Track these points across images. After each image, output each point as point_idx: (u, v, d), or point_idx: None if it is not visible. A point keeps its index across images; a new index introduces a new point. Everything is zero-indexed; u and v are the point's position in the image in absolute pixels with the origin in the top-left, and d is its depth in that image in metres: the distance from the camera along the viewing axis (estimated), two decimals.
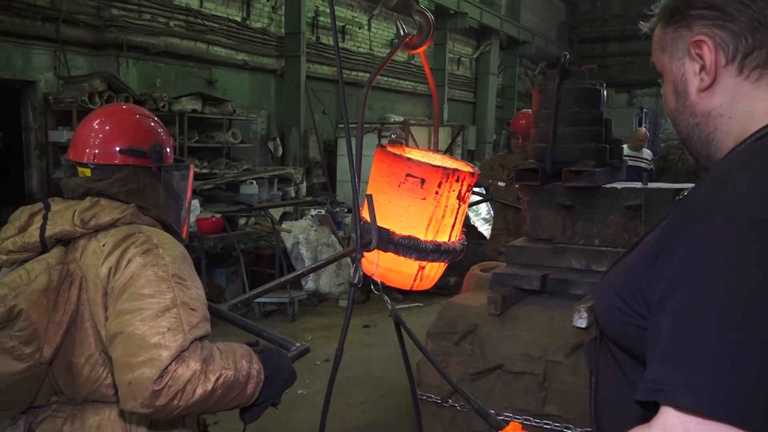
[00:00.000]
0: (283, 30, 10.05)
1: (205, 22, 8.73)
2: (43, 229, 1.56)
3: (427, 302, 6.69)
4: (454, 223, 2.43)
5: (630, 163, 7.40)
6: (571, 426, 2.43)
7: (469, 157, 11.40)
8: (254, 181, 7.03)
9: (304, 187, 8.33)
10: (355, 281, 1.84)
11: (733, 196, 0.85)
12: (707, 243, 0.84)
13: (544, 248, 2.74)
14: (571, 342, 2.47)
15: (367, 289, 7.01)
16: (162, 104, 7.36)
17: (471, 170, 2.29)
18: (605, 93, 2.72)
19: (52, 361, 1.54)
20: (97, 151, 1.65)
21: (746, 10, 0.94)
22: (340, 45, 11.59)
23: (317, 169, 10.27)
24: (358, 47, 11.86)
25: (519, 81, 17.10)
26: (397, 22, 2.52)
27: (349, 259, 7.13)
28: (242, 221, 6.68)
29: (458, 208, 2.46)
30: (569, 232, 2.71)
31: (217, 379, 1.42)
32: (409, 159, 2.21)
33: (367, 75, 12.14)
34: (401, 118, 11.15)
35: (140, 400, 1.37)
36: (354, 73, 11.75)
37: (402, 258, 2.35)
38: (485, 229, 7.86)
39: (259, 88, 9.90)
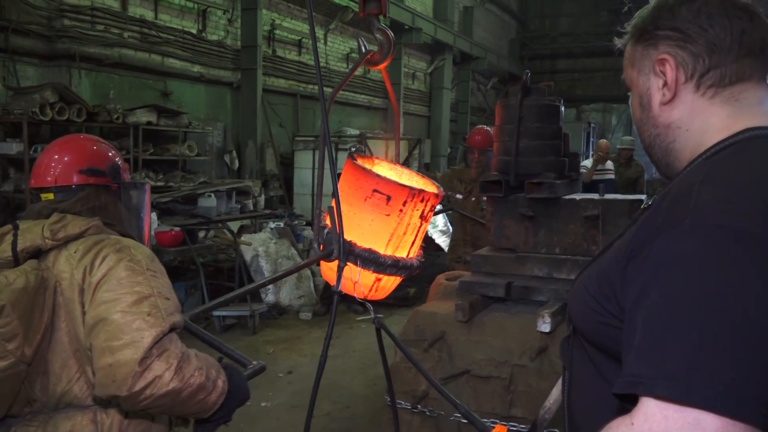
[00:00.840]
0: (239, 43, 10.04)
1: (160, 34, 8.66)
2: (14, 244, 1.63)
3: (388, 313, 6.76)
4: (415, 240, 2.53)
5: (595, 177, 7.49)
6: None
7: (424, 170, 11.58)
8: (212, 194, 6.99)
9: (262, 200, 8.32)
10: (338, 288, 1.93)
11: (698, 206, 0.94)
12: (677, 248, 0.92)
13: (508, 257, 2.86)
14: (535, 346, 2.58)
15: (327, 301, 7.05)
16: (116, 116, 7.24)
17: (436, 191, 2.41)
18: (563, 109, 2.87)
19: (32, 362, 1.59)
20: (58, 174, 1.75)
21: (705, 34, 1.05)
22: (297, 59, 11.63)
23: (274, 182, 10.26)
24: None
25: (472, 95, 17.47)
26: (359, 39, 2.62)
27: (309, 271, 7.16)
28: (201, 234, 6.63)
29: (420, 227, 2.57)
30: (531, 241, 2.84)
31: (190, 377, 1.50)
32: (377, 175, 2.29)
33: (324, 88, 12.20)
34: (357, 131, 11.25)
35: (119, 382, 1.43)
36: (311, 86, 11.81)
37: (360, 269, 2.43)
38: (442, 241, 8.01)
39: (215, 100, 9.85)
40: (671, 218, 0.96)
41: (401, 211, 2.26)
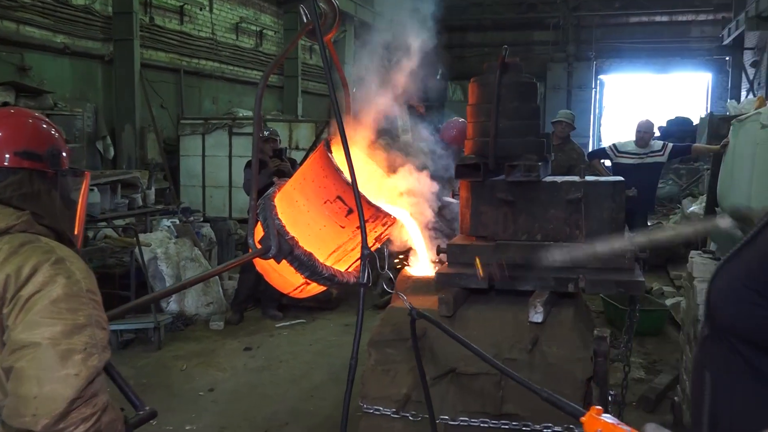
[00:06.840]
0: (110, 9, 9.62)
1: None
2: None
3: (310, 318, 6.80)
4: (359, 257, 2.63)
5: (631, 161, 7.14)
6: (529, 423, 2.73)
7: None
8: (95, 188, 6.68)
9: (152, 193, 8.05)
10: (365, 280, 2.01)
11: None
12: None
13: (487, 246, 3.02)
14: (525, 338, 2.77)
15: (239, 309, 7.02)
16: None
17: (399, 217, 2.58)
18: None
19: None
20: None
21: None
22: (178, 28, 11.27)
23: (158, 172, 9.93)
24: (199, 31, 11.65)
25: None
26: (301, 7, 2.68)
27: (218, 276, 7.04)
28: (90, 235, 6.34)
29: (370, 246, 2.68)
30: (511, 228, 3.02)
31: (104, 428, 1.55)
32: (347, 183, 2.34)
33: (211, 63, 11.95)
34: (251, 113, 11.11)
35: (39, 417, 1.45)
36: (195, 60, 11.52)
37: (293, 268, 2.50)
38: None
39: (83, 77, 9.39)
40: None
41: (358, 227, 2.33)
